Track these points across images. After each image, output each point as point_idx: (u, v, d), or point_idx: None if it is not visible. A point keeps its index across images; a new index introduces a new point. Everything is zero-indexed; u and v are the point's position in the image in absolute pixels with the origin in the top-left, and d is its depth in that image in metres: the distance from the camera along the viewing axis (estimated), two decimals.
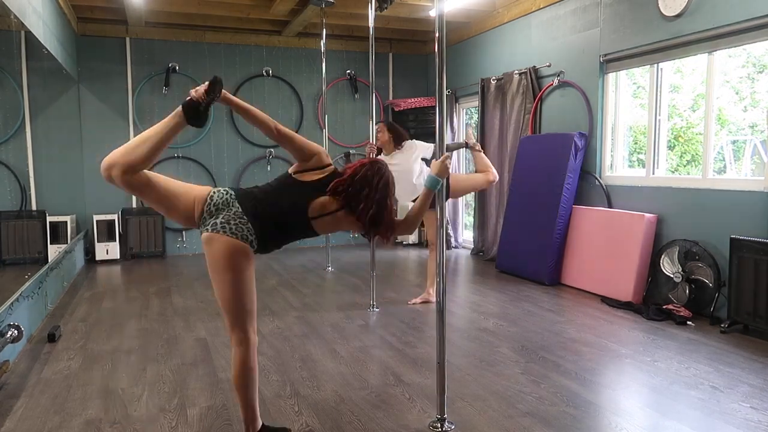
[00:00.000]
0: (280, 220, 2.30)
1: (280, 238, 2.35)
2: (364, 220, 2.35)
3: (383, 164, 2.45)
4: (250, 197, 2.29)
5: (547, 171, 5.66)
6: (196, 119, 2.16)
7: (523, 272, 5.81)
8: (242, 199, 2.27)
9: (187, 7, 6.56)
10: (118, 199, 7.18)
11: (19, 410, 2.82)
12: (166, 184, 2.25)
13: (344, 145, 8.16)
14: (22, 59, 6.04)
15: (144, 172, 2.15)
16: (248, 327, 2.28)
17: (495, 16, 6.81)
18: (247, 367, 2.28)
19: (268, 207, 2.28)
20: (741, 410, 2.77)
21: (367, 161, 2.44)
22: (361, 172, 2.36)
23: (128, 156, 2.08)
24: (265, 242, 2.29)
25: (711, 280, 4.26)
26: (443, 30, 2.57)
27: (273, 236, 2.31)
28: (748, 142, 5.76)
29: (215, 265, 2.22)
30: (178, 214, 2.27)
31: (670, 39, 4.62)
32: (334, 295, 5.22)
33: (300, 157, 2.37)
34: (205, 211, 2.25)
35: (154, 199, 2.23)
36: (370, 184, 2.34)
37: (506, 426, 2.63)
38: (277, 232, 2.32)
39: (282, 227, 2.32)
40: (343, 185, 2.33)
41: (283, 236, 2.36)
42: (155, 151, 2.13)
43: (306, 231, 2.36)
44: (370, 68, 4.89)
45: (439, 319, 2.62)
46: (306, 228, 2.35)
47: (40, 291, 4.33)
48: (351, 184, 2.33)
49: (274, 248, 2.38)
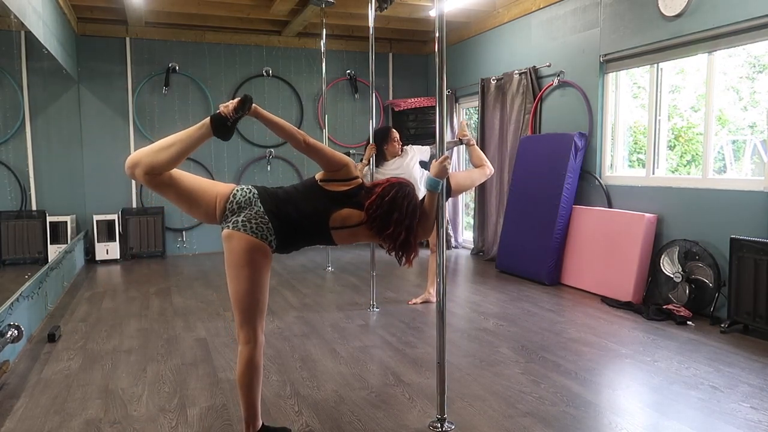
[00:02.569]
0: (300, 224, 2.32)
1: (298, 240, 2.38)
2: (392, 244, 2.38)
3: (411, 187, 2.46)
4: (274, 198, 2.33)
5: (547, 171, 5.66)
6: (223, 133, 2.23)
7: (523, 272, 5.81)
8: (265, 198, 2.30)
9: (187, 7, 6.56)
10: (118, 199, 7.18)
11: (19, 410, 2.82)
12: (189, 181, 2.30)
13: (344, 145, 8.15)
14: (22, 59, 6.03)
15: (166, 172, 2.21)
16: (258, 326, 2.30)
17: (495, 16, 6.81)
18: (252, 365, 2.30)
19: (290, 210, 2.31)
20: (741, 410, 2.77)
21: (395, 181, 2.43)
22: (390, 194, 2.35)
23: (151, 158, 2.15)
24: (284, 243, 2.31)
25: (711, 280, 4.26)
26: (443, 30, 2.57)
27: (292, 238, 2.34)
28: (748, 142, 5.76)
29: (233, 261, 2.24)
30: (198, 212, 2.32)
31: (670, 39, 4.62)
32: (334, 295, 5.22)
33: (328, 167, 2.38)
34: (228, 209, 2.28)
35: (175, 197, 2.28)
36: (400, 209, 2.35)
37: (506, 426, 2.63)
38: (297, 235, 2.34)
39: (301, 231, 2.34)
40: (373, 206, 2.33)
41: (302, 240, 2.39)
42: (179, 158, 2.19)
43: (325, 238, 2.39)
44: (370, 68, 4.89)
45: (439, 319, 2.62)
46: (325, 236, 2.37)
47: (40, 291, 4.33)
48: (380, 205, 2.34)
49: (293, 249, 2.42)
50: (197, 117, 7.46)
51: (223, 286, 5.62)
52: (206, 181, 2.36)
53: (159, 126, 7.33)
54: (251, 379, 2.31)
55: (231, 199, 2.28)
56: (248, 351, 2.29)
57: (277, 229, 2.26)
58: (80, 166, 7.01)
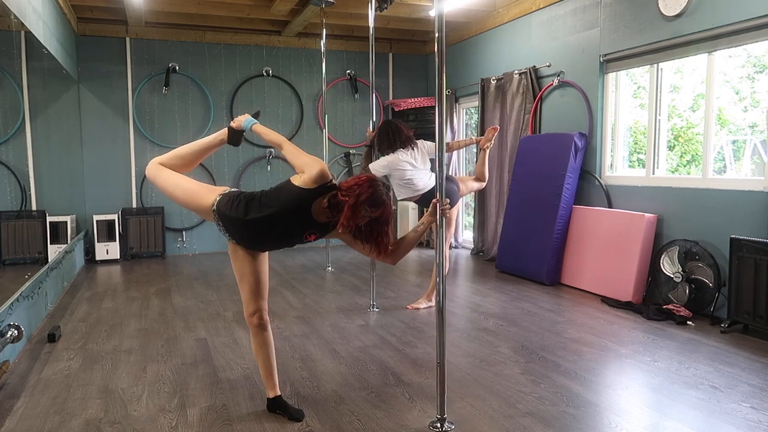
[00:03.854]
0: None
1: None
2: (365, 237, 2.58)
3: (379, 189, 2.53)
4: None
5: (547, 171, 5.66)
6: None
7: (523, 272, 5.81)
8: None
9: (187, 7, 6.56)
10: (118, 199, 7.19)
11: (19, 410, 2.82)
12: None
13: (344, 146, 8.16)
14: (22, 59, 6.02)
15: None
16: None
17: (495, 16, 6.81)
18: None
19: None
20: (741, 410, 2.77)
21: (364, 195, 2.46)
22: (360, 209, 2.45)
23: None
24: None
25: (711, 280, 4.26)
26: (443, 30, 2.57)
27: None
28: (748, 142, 5.76)
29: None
30: None
31: (670, 39, 4.62)
32: (334, 295, 5.22)
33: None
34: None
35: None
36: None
37: (506, 426, 2.63)
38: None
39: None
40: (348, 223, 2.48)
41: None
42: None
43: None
44: (370, 68, 4.89)
45: (439, 319, 2.62)
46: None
47: (40, 291, 4.33)
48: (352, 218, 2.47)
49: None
50: (197, 117, 7.49)
51: (222, 286, 5.62)
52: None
53: (159, 126, 7.33)
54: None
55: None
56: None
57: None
58: (80, 166, 7.01)
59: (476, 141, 4.90)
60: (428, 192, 4.46)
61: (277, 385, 2.77)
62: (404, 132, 4.48)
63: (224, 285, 5.67)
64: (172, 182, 2.68)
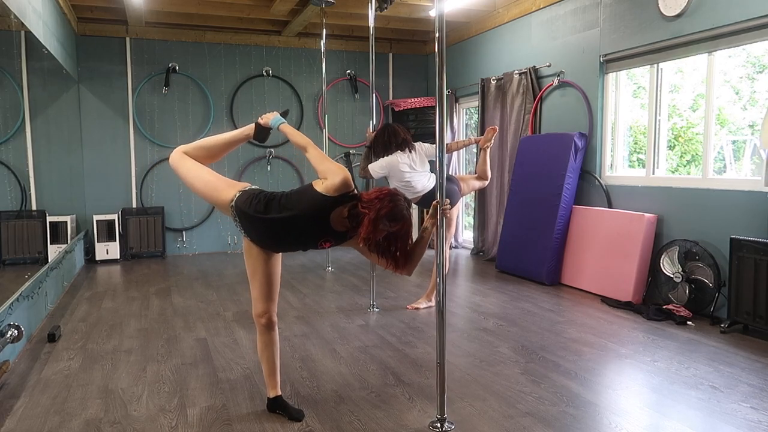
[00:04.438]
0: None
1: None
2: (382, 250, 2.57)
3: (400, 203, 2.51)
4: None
5: (547, 171, 5.66)
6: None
7: (523, 272, 5.81)
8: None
9: (187, 7, 6.56)
10: (118, 199, 7.19)
11: (19, 410, 2.82)
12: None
13: (344, 145, 8.16)
14: (22, 59, 6.03)
15: None
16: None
17: (495, 16, 6.81)
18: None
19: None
20: (741, 410, 2.77)
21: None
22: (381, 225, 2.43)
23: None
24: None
25: (711, 280, 4.26)
26: (443, 30, 2.57)
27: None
28: (747, 141, 5.76)
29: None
30: None
31: (670, 39, 4.62)
32: (334, 295, 5.22)
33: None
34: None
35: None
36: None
37: (506, 426, 2.63)
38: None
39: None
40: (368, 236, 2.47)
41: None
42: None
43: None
44: (370, 68, 4.89)
45: (439, 319, 2.62)
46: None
47: (39, 291, 4.33)
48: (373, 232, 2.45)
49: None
50: (197, 117, 7.48)
51: (223, 286, 5.62)
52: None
53: (159, 126, 7.33)
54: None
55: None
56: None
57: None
58: (80, 166, 7.01)
59: (475, 141, 4.93)
60: (428, 193, 4.47)
61: (279, 385, 2.77)
62: (401, 135, 4.49)
63: (224, 285, 5.67)
64: (194, 173, 2.66)
